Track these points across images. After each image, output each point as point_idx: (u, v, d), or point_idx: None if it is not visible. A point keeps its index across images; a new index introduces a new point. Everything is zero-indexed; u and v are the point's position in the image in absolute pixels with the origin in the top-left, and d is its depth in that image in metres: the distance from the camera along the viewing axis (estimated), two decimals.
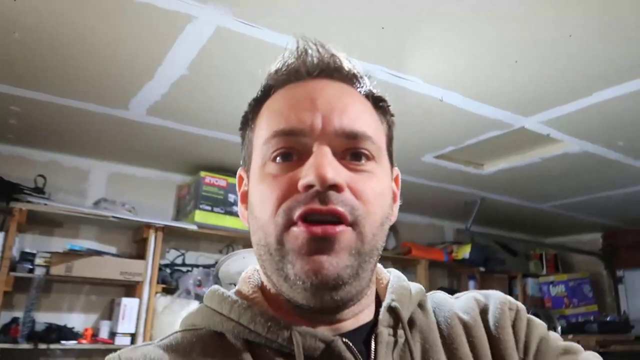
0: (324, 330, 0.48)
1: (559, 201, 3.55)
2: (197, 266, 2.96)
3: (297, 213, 0.45)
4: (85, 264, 2.48)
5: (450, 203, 3.63)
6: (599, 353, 0.59)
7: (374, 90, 0.55)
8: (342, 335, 0.48)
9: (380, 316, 0.51)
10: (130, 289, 2.71)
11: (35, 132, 2.46)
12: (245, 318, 0.48)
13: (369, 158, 0.49)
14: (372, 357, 0.48)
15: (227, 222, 2.84)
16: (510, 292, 4.29)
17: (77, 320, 2.64)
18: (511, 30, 1.50)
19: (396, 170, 0.58)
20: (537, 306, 4.02)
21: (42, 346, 2.33)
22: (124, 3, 1.39)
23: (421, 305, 0.58)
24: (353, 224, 0.46)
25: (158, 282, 2.69)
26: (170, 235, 2.89)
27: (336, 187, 0.45)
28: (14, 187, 2.43)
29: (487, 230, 4.27)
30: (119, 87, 1.95)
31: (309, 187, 0.45)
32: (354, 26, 1.49)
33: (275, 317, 0.48)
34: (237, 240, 3.13)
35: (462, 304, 0.59)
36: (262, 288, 0.53)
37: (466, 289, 4.09)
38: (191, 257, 3.06)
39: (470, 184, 3.17)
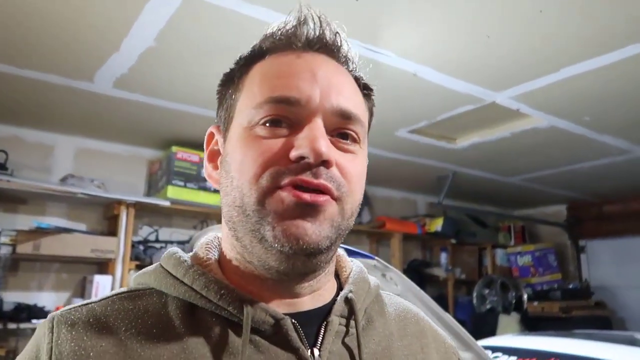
0: (277, 306, 0.49)
1: (527, 175, 3.65)
2: (171, 242, 2.94)
3: (285, 180, 0.46)
4: (53, 242, 2.42)
5: (423, 177, 3.69)
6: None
7: (363, 76, 0.57)
8: (294, 315, 0.49)
9: (335, 305, 0.52)
10: (103, 266, 2.67)
11: None
12: (199, 284, 0.48)
13: (355, 140, 0.51)
14: (318, 343, 0.49)
15: (200, 197, 2.81)
16: (480, 263, 4.45)
17: (47, 299, 2.60)
18: (484, 6, 1.49)
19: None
20: (505, 275, 4.18)
21: (12, 326, 2.28)
22: None
23: (378, 300, 0.60)
24: (337, 199, 0.48)
25: (131, 259, 2.65)
26: (143, 211, 2.84)
27: (326, 163, 0.46)
28: None
29: (459, 204, 4.37)
30: (84, 58, 1.86)
31: (301, 158, 0.45)
32: None
33: (229, 287, 0.48)
34: (212, 216, 3.11)
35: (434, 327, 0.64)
36: (220, 256, 0.54)
37: (439, 260, 4.21)
38: (165, 233, 3.02)
39: (443, 158, 3.22)
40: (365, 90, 0.57)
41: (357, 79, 0.56)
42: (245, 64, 0.54)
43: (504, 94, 2.18)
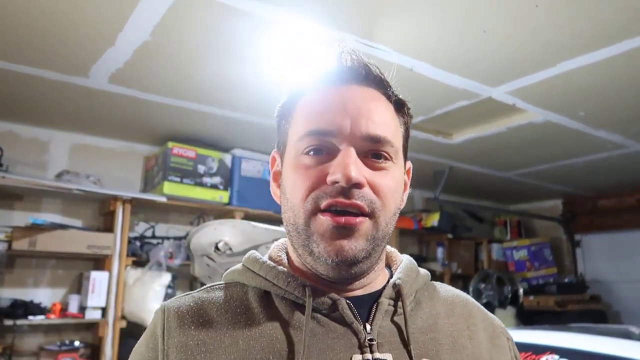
0: (334, 292, 0.58)
1: (523, 169, 3.66)
2: (168, 238, 2.93)
3: (324, 202, 0.55)
4: (49, 238, 2.41)
5: (419, 172, 3.70)
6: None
7: (397, 95, 0.64)
8: (349, 298, 0.58)
9: (385, 290, 0.61)
10: (99, 262, 2.67)
11: None
12: (271, 274, 0.59)
13: (387, 159, 0.59)
14: (371, 319, 0.58)
15: (197, 193, 2.81)
16: (476, 257, 4.47)
17: (43, 295, 2.59)
18: (480, 1, 1.50)
19: (409, 163, 0.68)
20: (501, 270, 4.20)
21: (8, 322, 2.28)
22: None
23: (429, 287, 0.68)
24: (370, 215, 0.56)
25: (128, 255, 2.65)
26: (139, 207, 2.84)
27: (358, 185, 0.54)
28: None
29: (455, 199, 4.38)
30: (79, 54, 1.85)
31: (335, 182, 0.54)
32: None
33: (294, 276, 0.59)
34: (208, 212, 3.11)
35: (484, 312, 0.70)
36: (288, 256, 0.64)
37: (435, 255, 4.23)
38: (161, 229, 3.02)
39: (439, 154, 3.23)
40: (399, 106, 0.64)
41: (389, 98, 0.63)
42: (291, 99, 0.64)
43: (500, 89, 2.19)
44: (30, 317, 2.35)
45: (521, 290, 3.94)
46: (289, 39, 1.72)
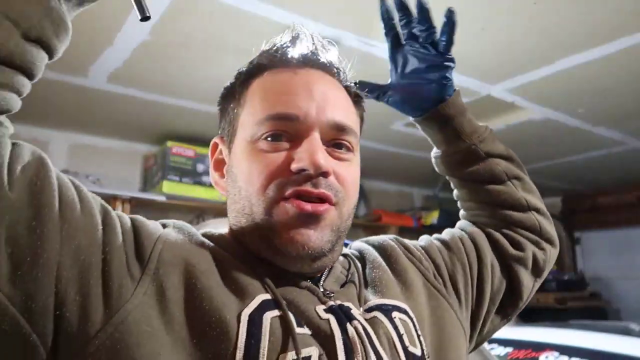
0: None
1: None
2: None
3: (288, 191, 0.51)
4: None
5: (419, 170, 3.69)
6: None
7: (355, 88, 0.62)
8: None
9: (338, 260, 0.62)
10: None
11: None
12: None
13: (349, 149, 0.56)
14: (323, 280, 0.57)
15: (196, 192, 2.81)
16: None
17: None
18: None
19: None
20: None
21: None
22: None
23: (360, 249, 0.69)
24: (336, 205, 0.53)
25: None
26: (138, 206, 2.83)
27: (325, 173, 0.52)
28: None
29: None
30: (77, 53, 1.85)
31: (301, 170, 0.51)
32: None
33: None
34: (207, 211, 3.10)
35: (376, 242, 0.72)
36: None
37: None
38: None
39: None
40: (356, 98, 0.61)
41: (348, 89, 0.60)
42: (245, 80, 0.59)
43: (499, 87, 2.19)
44: None
45: None
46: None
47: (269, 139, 0.53)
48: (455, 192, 0.84)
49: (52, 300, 0.41)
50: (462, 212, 0.83)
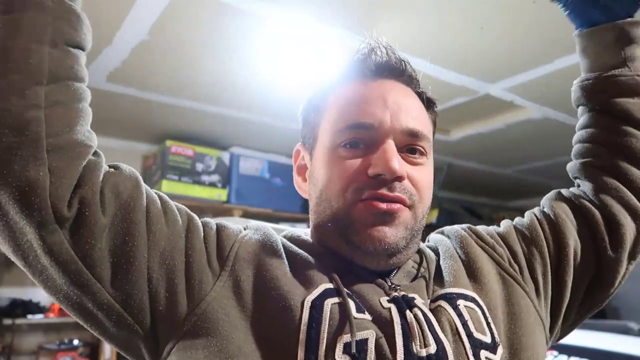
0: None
1: (521, 166, 3.67)
2: None
3: (366, 194, 0.55)
4: None
5: None
6: None
7: (428, 93, 0.67)
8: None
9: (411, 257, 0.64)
10: None
11: None
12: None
13: (422, 154, 0.60)
14: (392, 275, 0.60)
15: (195, 191, 2.81)
16: None
17: (43, 295, 2.59)
18: None
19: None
20: None
21: (7, 321, 2.28)
22: None
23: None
24: (410, 207, 0.57)
25: None
26: None
27: (400, 178, 0.55)
28: None
29: (454, 196, 4.39)
30: None
31: (378, 175, 0.55)
32: None
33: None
34: (206, 210, 3.10)
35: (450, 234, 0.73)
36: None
37: None
38: None
39: (437, 150, 3.19)
40: (429, 103, 0.67)
41: (420, 95, 0.65)
42: (324, 92, 0.64)
43: (498, 86, 2.19)
44: (29, 316, 2.35)
45: None
46: (286, 37, 1.72)
47: (347, 146, 0.58)
48: (578, 130, 0.78)
49: (146, 297, 0.51)
50: (570, 164, 0.79)
